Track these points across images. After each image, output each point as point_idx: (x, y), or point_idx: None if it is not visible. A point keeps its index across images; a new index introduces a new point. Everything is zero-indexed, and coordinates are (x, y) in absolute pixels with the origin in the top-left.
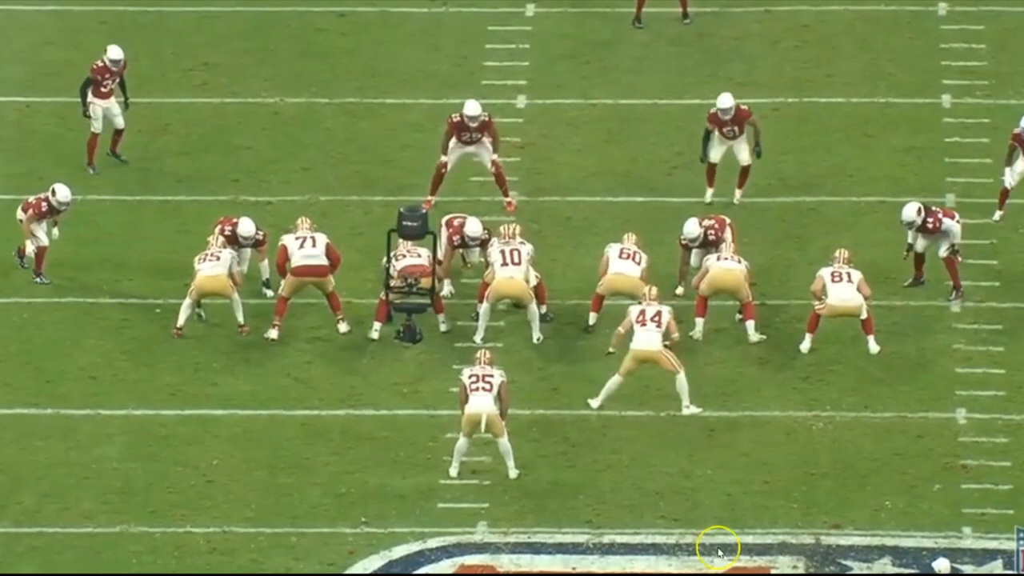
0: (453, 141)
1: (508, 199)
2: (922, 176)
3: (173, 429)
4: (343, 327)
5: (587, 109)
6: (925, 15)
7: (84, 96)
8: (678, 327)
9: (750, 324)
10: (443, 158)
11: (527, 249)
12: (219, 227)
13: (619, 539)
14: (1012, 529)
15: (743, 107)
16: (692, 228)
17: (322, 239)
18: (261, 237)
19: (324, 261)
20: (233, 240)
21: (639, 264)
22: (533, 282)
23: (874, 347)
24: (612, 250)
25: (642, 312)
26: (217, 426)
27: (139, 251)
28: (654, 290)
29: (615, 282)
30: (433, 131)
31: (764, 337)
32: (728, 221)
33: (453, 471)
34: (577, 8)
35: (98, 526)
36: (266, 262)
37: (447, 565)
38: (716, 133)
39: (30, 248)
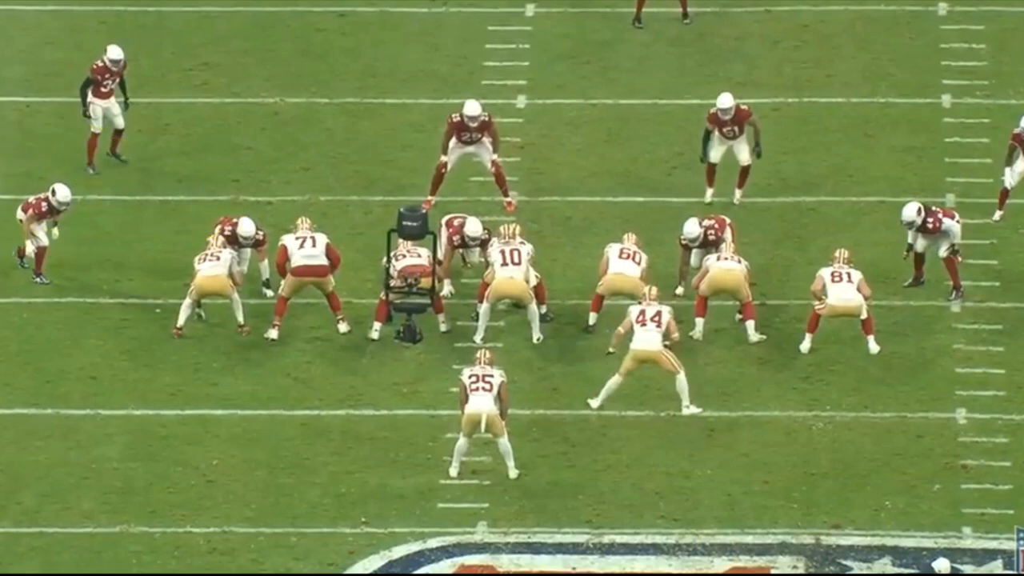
0: (453, 141)
1: (508, 199)
2: (922, 176)
3: (173, 429)
4: (343, 327)
5: (587, 109)
6: (925, 15)
7: (84, 96)
8: (678, 327)
9: (750, 324)
10: (443, 158)
11: (527, 249)
12: (219, 227)
13: (619, 539)
14: (1012, 529)
15: (743, 107)
16: (692, 228)
17: (322, 239)
18: (261, 237)
19: (324, 261)
20: (233, 240)
21: (639, 264)
22: (533, 282)
23: (874, 347)
24: (612, 250)
25: (642, 312)
26: (217, 426)
27: (139, 251)
28: (654, 290)
29: (615, 282)
30: (433, 131)
31: (764, 337)
32: (728, 221)
33: (453, 471)
34: (577, 8)
35: (98, 526)
36: (266, 262)
37: (447, 565)
38: (716, 133)
39: (30, 248)
